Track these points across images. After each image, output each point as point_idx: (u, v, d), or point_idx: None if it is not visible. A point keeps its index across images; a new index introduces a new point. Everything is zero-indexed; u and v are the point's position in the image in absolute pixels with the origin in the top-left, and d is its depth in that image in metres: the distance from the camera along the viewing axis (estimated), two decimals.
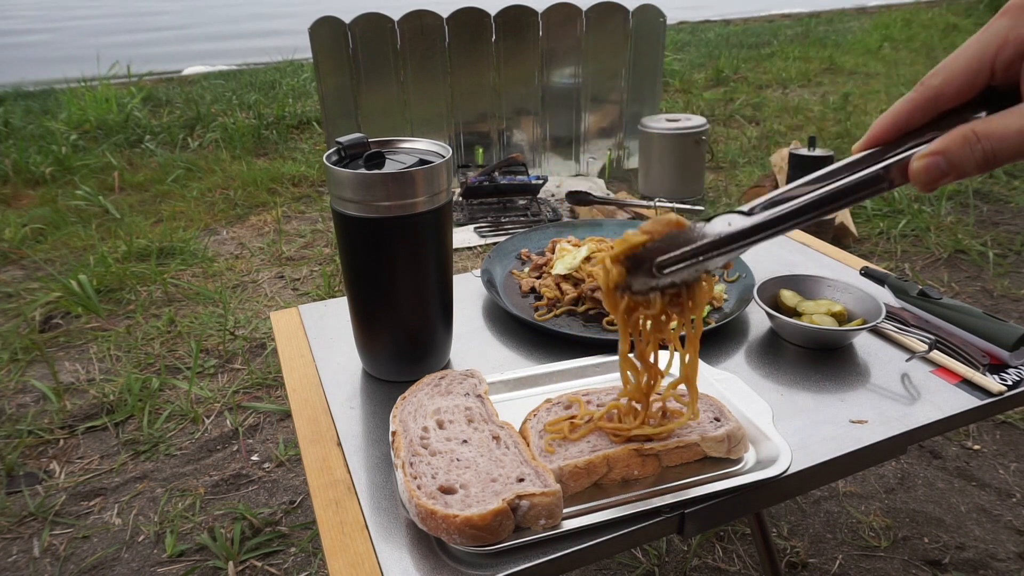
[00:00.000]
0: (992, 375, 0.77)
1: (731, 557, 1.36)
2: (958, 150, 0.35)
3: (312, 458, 0.68)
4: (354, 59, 3.19)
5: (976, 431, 1.68)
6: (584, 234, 1.11)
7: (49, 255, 2.77)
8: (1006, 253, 2.53)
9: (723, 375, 0.75)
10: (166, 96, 5.08)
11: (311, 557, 1.40)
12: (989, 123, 0.34)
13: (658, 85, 3.51)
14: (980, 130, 0.34)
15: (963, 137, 0.35)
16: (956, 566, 1.33)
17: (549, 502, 0.55)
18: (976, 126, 0.35)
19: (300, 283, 2.51)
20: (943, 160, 0.35)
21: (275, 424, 1.79)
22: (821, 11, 9.22)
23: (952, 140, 0.35)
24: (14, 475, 1.64)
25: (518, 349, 0.86)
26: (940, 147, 0.36)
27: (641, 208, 2.88)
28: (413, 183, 0.68)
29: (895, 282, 0.92)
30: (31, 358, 2.09)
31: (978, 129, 0.34)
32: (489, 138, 3.46)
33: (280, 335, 0.91)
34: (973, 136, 0.34)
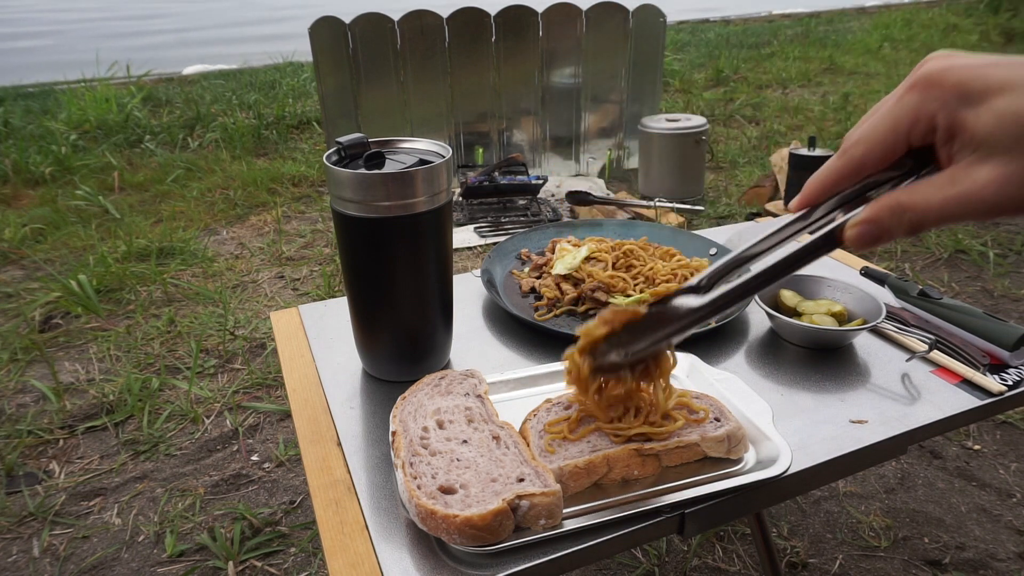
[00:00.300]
0: (992, 375, 0.77)
1: (731, 557, 1.36)
2: (887, 219, 0.38)
3: (312, 458, 0.68)
4: (354, 59, 3.19)
5: (976, 431, 1.68)
6: (584, 234, 1.11)
7: (49, 255, 2.77)
8: (1006, 253, 2.53)
9: (723, 375, 0.75)
10: (166, 96, 5.08)
11: (311, 557, 1.40)
12: (912, 195, 0.37)
13: (658, 85, 3.51)
14: (905, 202, 0.37)
15: (890, 209, 0.38)
16: (956, 566, 1.33)
17: (549, 502, 0.55)
18: (901, 197, 0.38)
19: (300, 283, 2.51)
20: (875, 228, 0.39)
21: (275, 424, 1.79)
22: (821, 11, 9.22)
23: (881, 210, 0.39)
24: (14, 475, 1.64)
25: (518, 349, 0.86)
26: (871, 216, 0.39)
27: (641, 208, 2.88)
28: (413, 183, 0.68)
29: (895, 282, 0.92)
30: (31, 358, 2.09)
31: (903, 200, 0.38)
32: (489, 138, 3.46)
33: (280, 335, 0.91)
34: (899, 207, 0.38)
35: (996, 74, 0.34)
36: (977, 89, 0.35)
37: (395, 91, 3.28)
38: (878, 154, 0.39)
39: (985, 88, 0.34)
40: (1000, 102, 0.34)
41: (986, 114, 0.34)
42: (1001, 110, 0.34)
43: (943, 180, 0.36)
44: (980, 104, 0.35)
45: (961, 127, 0.35)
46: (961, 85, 0.35)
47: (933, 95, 0.36)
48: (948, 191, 0.36)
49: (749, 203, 3.00)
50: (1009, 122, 0.34)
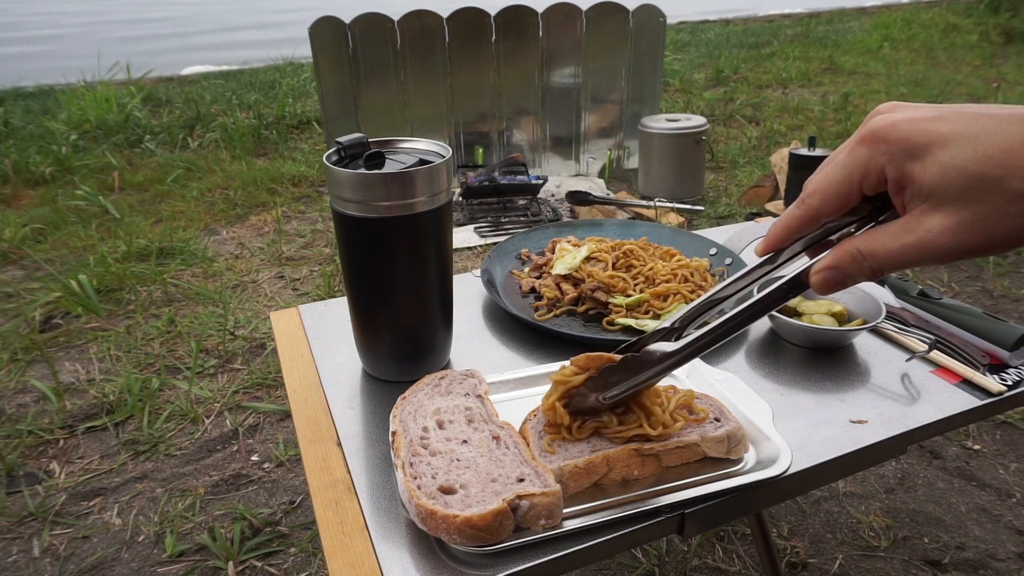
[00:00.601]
0: (992, 375, 0.77)
1: (731, 557, 1.36)
2: (849, 266, 0.41)
3: (312, 458, 0.68)
4: (354, 59, 3.19)
5: (976, 431, 1.68)
6: (584, 234, 1.11)
7: (49, 255, 2.77)
8: (1006, 254, 2.53)
9: (723, 375, 0.75)
10: (166, 96, 5.08)
11: (311, 557, 1.40)
12: (871, 242, 0.40)
13: (658, 85, 3.52)
14: (864, 249, 0.40)
15: (851, 256, 0.41)
16: (956, 566, 1.33)
17: (549, 502, 0.55)
18: (860, 245, 0.40)
19: (300, 283, 2.51)
20: (838, 273, 0.42)
21: (275, 424, 1.79)
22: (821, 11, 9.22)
23: (843, 257, 0.41)
24: (14, 475, 1.64)
25: (518, 349, 0.86)
26: (834, 263, 0.42)
27: (641, 208, 2.88)
28: (413, 183, 0.68)
29: (895, 282, 0.92)
30: (31, 358, 2.09)
31: (862, 248, 0.40)
32: (489, 138, 3.46)
33: (280, 335, 0.91)
34: (859, 255, 0.40)
35: (937, 128, 0.36)
36: (921, 143, 0.37)
37: (395, 91, 3.28)
38: (833, 204, 0.41)
39: (929, 142, 0.36)
40: (943, 155, 0.36)
41: (931, 167, 0.36)
42: (944, 162, 0.36)
43: (898, 228, 0.38)
44: (924, 157, 0.36)
45: (909, 179, 0.37)
46: (906, 140, 0.37)
47: (881, 149, 0.38)
48: (904, 239, 0.38)
49: (749, 203, 3.00)
50: (953, 174, 0.36)
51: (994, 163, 0.35)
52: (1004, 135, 0.35)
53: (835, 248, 0.42)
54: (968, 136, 0.35)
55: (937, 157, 0.36)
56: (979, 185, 0.35)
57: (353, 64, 3.20)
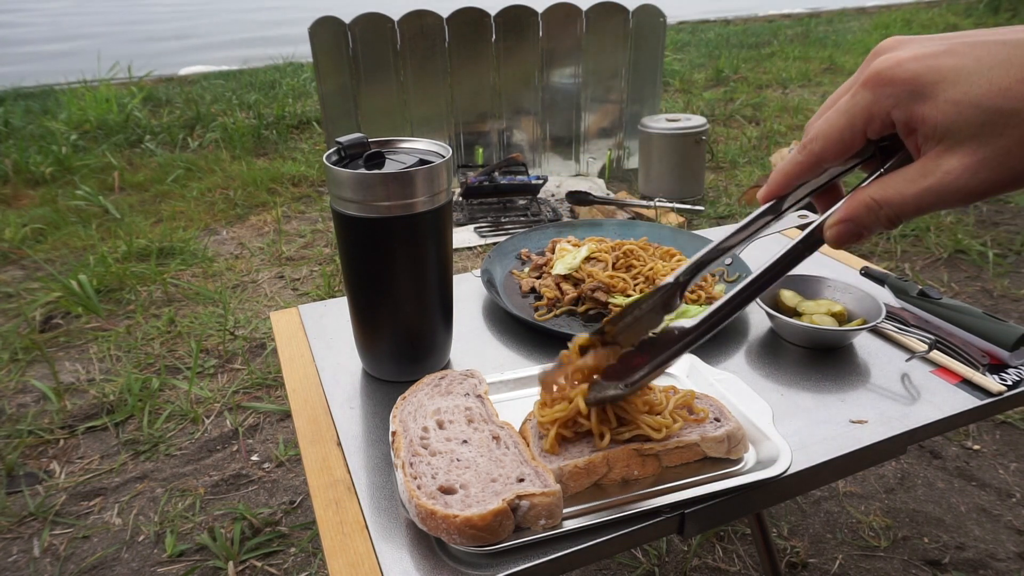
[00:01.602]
0: (992, 375, 0.77)
1: (731, 557, 1.36)
2: (864, 216, 0.39)
3: (312, 458, 0.68)
4: (354, 59, 3.19)
5: (976, 431, 1.68)
6: (584, 234, 1.11)
7: (49, 255, 2.77)
8: (1006, 253, 2.53)
9: (723, 375, 0.75)
10: (166, 96, 5.08)
11: (311, 557, 1.40)
12: (886, 190, 0.38)
13: (658, 85, 3.51)
14: (880, 197, 0.38)
15: (866, 206, 0.39)
16: (956, 566, 1.33)
17: (549, 502, 0.55)
18: (875, 194, 0.38)
19: (300, 283, 2.51)
20: (853, 225, 0.40)
21: (275, 424, 1.79)
22: (821, 11, 9.22)
23: (857, 208, 0.39)
24: (14, 475, 1.64)
25: (518, 349, 0.86)
26: (848, 215, 0.40)
27: (641, 208, 2.88)
28: (413, 183, 0.68)
29: (895, 282, 0.92)
30: (31, 358, 2.09)
31: (877, 197, 0.38)
32: (489, 138, 3.46)
33: (280, 335, 0.91)
34: (875, 204, 0.38)
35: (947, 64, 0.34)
36: (930, 82, 0.34)
37: (395, 91, 3.28)
38: (836, 149, 0.39)
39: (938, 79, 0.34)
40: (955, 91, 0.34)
41: (944, 105, 0.34)
42: (957, 99, 0.34)
43: (915, 172, 0.36)
44: (936, 96, 0.34)
45: (920, 121, 0.35)
46: (913, 80, 0.35)
47: (886, 92, 0.36)
48: (921, 183, 0.36)
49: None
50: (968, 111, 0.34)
51: (1011, 95, 0.33)
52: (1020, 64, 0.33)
53: (848, 199, 0.40)
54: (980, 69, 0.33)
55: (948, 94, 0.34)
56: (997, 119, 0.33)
57: (353, 64, 3.20)
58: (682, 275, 0.52)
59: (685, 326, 0.52)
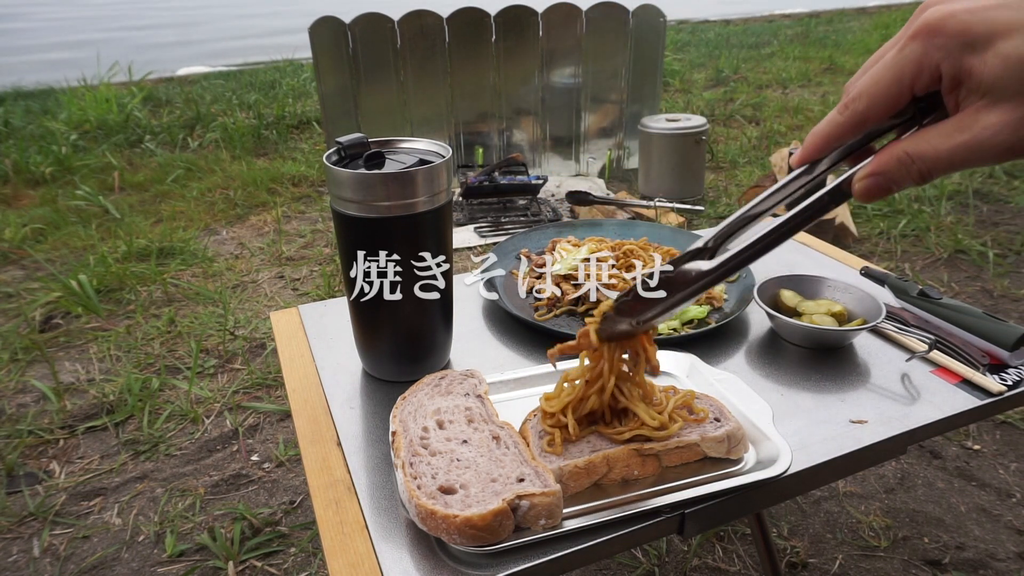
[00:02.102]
0: (992, 375, 0.77)
1: (731, 557, 1.36)
2: (895, 170, 0.38)
3: (312, 458, 0.68)
4: (354, 59, 3.19)
5: (976, 431, 1.68)
6: (584, 234, 1.11)
7: (49, 255, 2.77)
8: (1006, 253, 2.53)
9: (723, 375, 0.75)
10: (166, 96, 5.08)
11: (311, 557, 1.40)
12: (919, 144, 0.37)
13: (658, 85, 3.51)
14: (912, 151, 0.37)
15: (898, 159, 0.38)
16: (956, 566, 1.33)
17: (549, 502, 0.55)
18: (908, 147, 0.37)
19: (300, 283, 2.51)
20: (883, 179, 0.39)
21: (275, 424, 1.79)
22: (821, 11, 9.22)
23: (889, 161, 0.38)
24: (14, 475, 1.64)
25: (518, 349, 0.86)
26: (879, 168, 0.39)
27: (641, 208, 2.88)
28: (413, 183, 0.68)
29: (895, 282, 0.92)
30: (31, 358, 2.09)
31: (911, 151, 0.37)
32: (489, 138, 3.46)
33: (280, 335, 0.91)
34: (907, 158, 0.37)
35: (1000, 17, 0.33)
36: (981, 34, 0.34)
37: (395, 91, 3.28)
38: (882, 106, 0.38)
39: (990, 32, 0.33)
40: (1006, 46, 0.33)
41: (992, 59, 0.33)
42: (1007, 53, 0.33)
43: (951, 127, 0.36)
44: (986, 49, 0.34)
45: (967, 74, 0.35)
46: (964, 31, 0.34)
47: (936, 43, 0.35)
48: (957, 138, 0.35)
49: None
50: (1016, 66, 0.33)
51: None
52: None
53: (880, 152, 0.39)
54: None
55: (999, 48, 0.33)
56: None
57: (353, 64, 3.20)
58: (711, 240, 0.52)
59: (703, 268, 0.50)
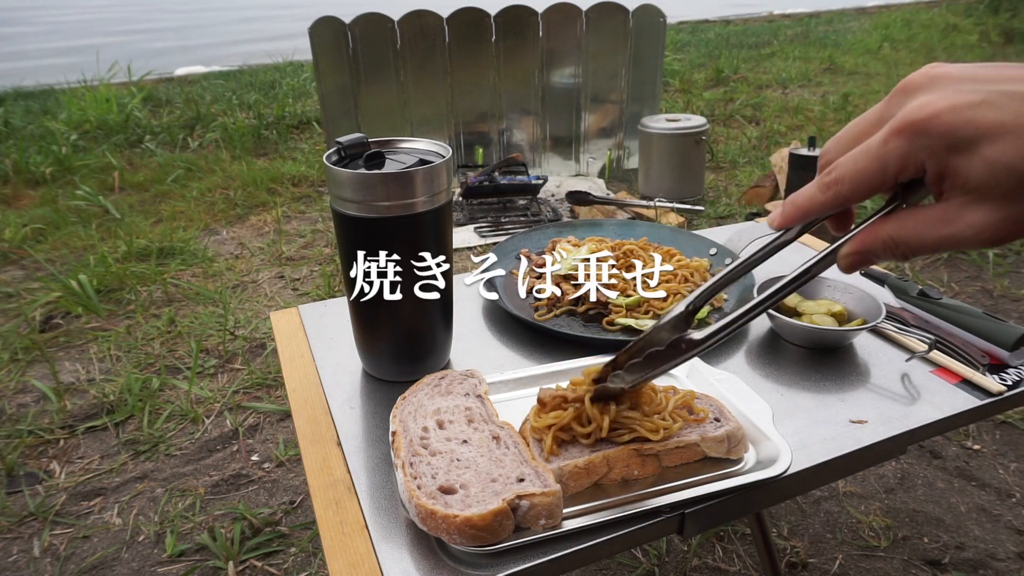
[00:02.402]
0: (992, 375, 0.77)
1: (731, 557, 1.36)
2: (879, 251, 0.40)
3: (312, 458, 0.68)
4: (354, 59, 3.19)
5: (976, 431, 1.68)
6: (584, 234, 1.11)
7: (49, 255, 2.77)
8: (1006, 253, 2.53)
9: (723, 375, 0.75)
10: (166, 96, 5.08)
11: (311, 557, 1.40)
12: (904, 230, 0.38)
13: (658, 85, 3.51)
14: (897, 237, 0.39)
15: (882, 243, 0.39)
16: (956, 566, 1.33)
17: (549, 502, 0.55)
18: (892, 232, 0.39)
19: (300, 283, 2.51)
20: (866, 256, 0.41)
21: (275, 424, 1.79)
22: (821, 11, 9.22)
23: (873, 243, 0.40)
24: (14, 475, 1.64)
25: (518, 349, 0.86)
26: (862, 247, 0.41)
27: (641, 208, 2.88)
28: (413, 183, 0.68)
29: (895, 282, 0.92)
30: (31, 358, 2.09)
31: (895, 235, 0.39)
32: (489, 138, 3.46)
33: (280, 335, 0.91)
34: (891, 242, 0.39)
35: (984, 119, 0.34)
36: (967, 137, 0.34)
37: (395, 91, 3.28)
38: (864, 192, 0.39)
39: (975, 136, 0.34)
40: (991, 150, 0.33)
41: (978, 163, 0.34)
42: (993, 160, 0.33)
43: (936, 217, 0.37)
44: (972, 152, 0.34)
45: (952, 173, 0.35)
46: (950, 134, 0.35)
47: (921, 144, 0.36)
48: (942, 230, 0.37)
49: (749, 203, 3.00)
50: (1002, 173, 0.33)
51: None
52: None
53: (864, 232, 0.40)
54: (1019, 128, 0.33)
55: (984, 153, 0.34)
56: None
57: (353, 64, 3.20)
58: (692, 303, 0.54)
59: (694, 338, 0.53)
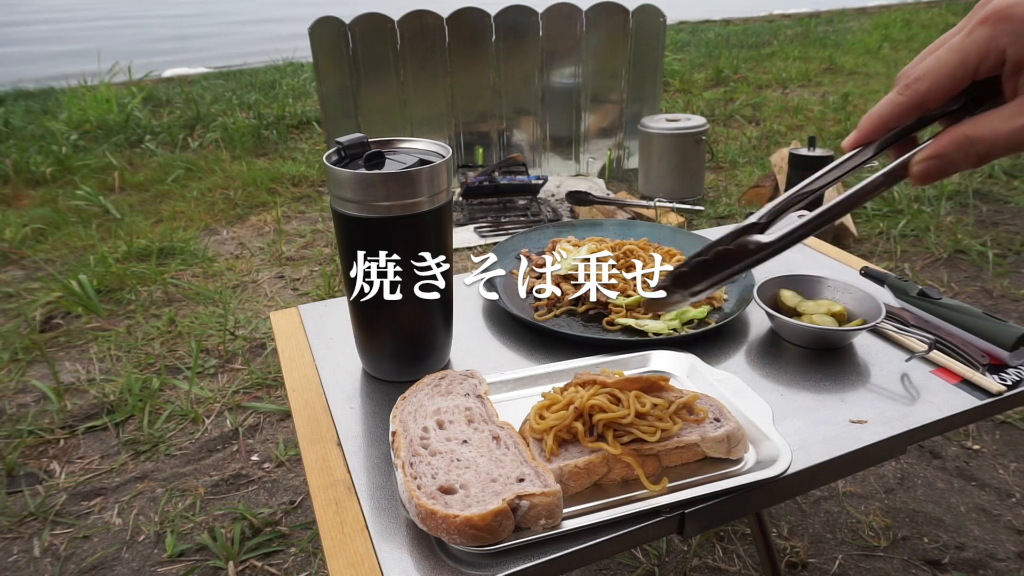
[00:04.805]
0: (992, 375, 0.77)
1: (731, 557, 1.36)
2: (954, 153, 0.39)
3: (312, 458, 0.68)
4: (354, 59, 3.19)
5: (976, 431, 1.68)
6: (584, 234, 1.11)
7: (49, 255, 2.77)
8: (1006, 253, 2.53)
9: (723, 375, 0.75)
10: (166, 96, 5.08)
11: (311, 557, 1.40)
12: (979, 126, 0.38)
13: (658, 85, 3.51)
14: (972, 134, 0.38)
15: (958, 143, 0.38)
16: (956, 566, 1.33)
17: (549, 502, 0.55)
18: (968, 130, 0.38)
19: (300, 283, 2.51)
20: (942, 161, 0.39)
21: (275, 424, 1.79)
22: (821, 11, 9.22)
23: (949, 144, 0.39)
24: (14, 475, 1.64)
25: (518, 349, 0.86)
26: (938, 151, 0.39)
27: (641, 208, 2.88)
28: (413, 183, 0.68)
29: (895, 282, 0.92)
30: (31, 358, 2.09)
31: (970, 133, 0.38)
32: (489, 138, 3.46)
33: (280, 335, 0.91)
34: (966, 140, 0.38)
35: None
36: None
37: (395, 91, 3.28)
38: (945, 88, 0.39)
39: None
40: None
41: None
42: None
43: (1012, 111, 0.37)
44: None
45: None
46: None
47: (1005, 29, 0.36)
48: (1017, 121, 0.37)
49: (749, 203, 3.00)
50: None
51: None
52: None
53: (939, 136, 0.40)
54: None
55: None
56: None
57: (353, 64, 3.20)
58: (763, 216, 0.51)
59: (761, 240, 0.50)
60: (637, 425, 0.62)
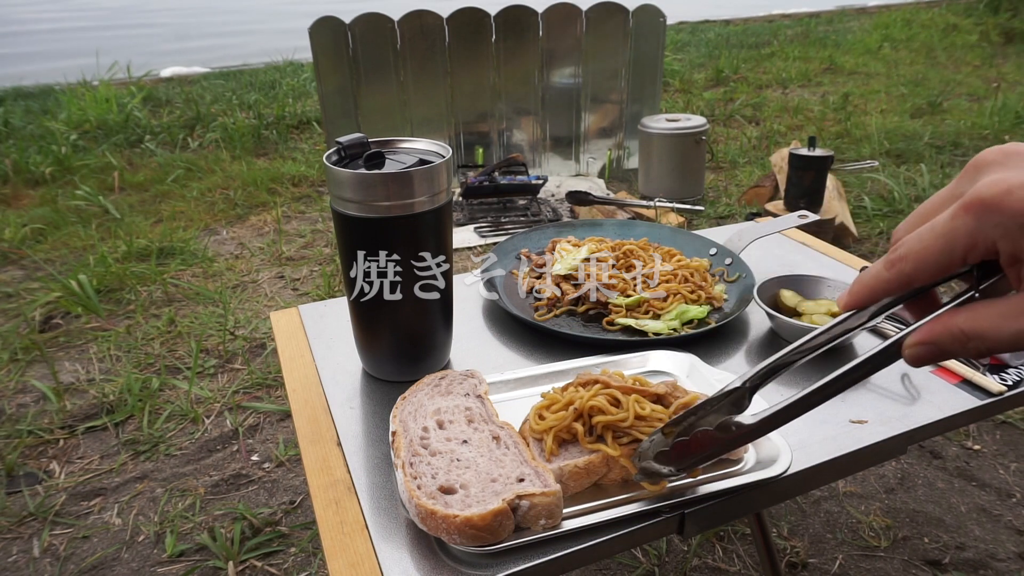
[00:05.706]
0: (992, 375, 0.77)
1: (731, 557, 1.36)
2: (948, 344, 0.36)
3: (312, 458, 0.68)
4: (354, 59, 3.19)
5: (976, 431, 1.68)
6: (584, 234, 1.11)
7: (49, 255, 2.76)
8: None
9: (723, 375, 0.75)
10: (166, 96, 5.08)
11: (311, 557, 1.40)
12: (978, 321, 0.35)
13: (658, 85, 3.51)
14: (969, 330, 0.35)
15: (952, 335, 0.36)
16: (956, 566, 1.33)
17: (549, 502, 0.55)
18: (964, 325, 0.35)
19: (300, 283, 2.51)
20: (934, 349, 0.38)
21: (275, 424, 1.79)
22: (821, 11, 9.22)
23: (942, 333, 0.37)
24: (14, 475, 1.64)
25: (518, 349, 0.86)
26: (930, 338, 0.38)
27: (641, 208, 2.88)
28: (413, 183, 0.68)
29: None
30: (31, 358, 2.09)
31: (967, 329, 0.35)
32: (489, 138, 3.46)
33: (280, 335, 0.91)
34: (963, 336, 0.35)
35: None
36: None
37: (395, 91, 3.28)
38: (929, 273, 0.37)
39: None
40: None
41: None
42: None
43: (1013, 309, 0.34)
44: None
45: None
46: None
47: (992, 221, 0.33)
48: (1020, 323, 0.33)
49: (749, 203, 3.00)
50: None
51: None
52: None
53: (934, 321, 0.37)
54: None
55: None
56: None
57: (353, 64, 3.20)
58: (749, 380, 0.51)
59: (744, 423, 0.51)
60: (637, 427, 0.62)
